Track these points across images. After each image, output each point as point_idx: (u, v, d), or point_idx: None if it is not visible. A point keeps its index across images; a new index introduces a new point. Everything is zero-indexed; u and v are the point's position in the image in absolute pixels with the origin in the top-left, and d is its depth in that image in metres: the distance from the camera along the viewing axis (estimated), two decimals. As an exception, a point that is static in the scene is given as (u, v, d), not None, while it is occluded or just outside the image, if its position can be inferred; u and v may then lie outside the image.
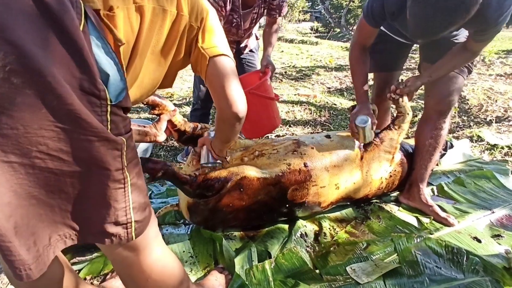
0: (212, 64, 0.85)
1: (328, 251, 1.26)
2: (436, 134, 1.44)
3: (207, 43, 0.85)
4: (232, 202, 1.19)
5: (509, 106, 3.20)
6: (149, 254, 0.72)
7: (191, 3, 0.81)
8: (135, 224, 0.63)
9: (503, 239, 1.32)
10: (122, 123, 0.59)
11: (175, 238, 1.35)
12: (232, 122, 0.91)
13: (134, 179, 0.62)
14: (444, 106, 1.42)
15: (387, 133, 1.43)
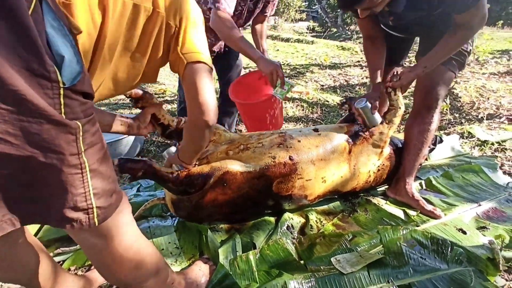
0: (189, 70, 0.87)
1: (314, 243, 1.26)
2: (424, 129, 1.45)
3: (186, 47, 0.86)
4: (216, 198, 1.19)
5: (501, 103, 3.22)
6: (120, 242, 0.72)
7: (169, 1, 0.82)
8: (97, 210, 0.63)
9: (488, 231, 1.33)
10: (80, 107, 0.57)
11: (161, 230, 1.34)
12: (202, 130, 0.93)
13: (95, 165, 0.61)
14: (431, 100, 1.42)
15: (378, 127, 1.43)
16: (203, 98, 0.87)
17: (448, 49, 1.32)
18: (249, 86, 1.95)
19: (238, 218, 1.37)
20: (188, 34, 0.87)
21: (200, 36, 0.90)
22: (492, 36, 7.18)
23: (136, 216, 1.38)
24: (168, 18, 0.83)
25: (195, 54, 0.87)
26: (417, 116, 1.47)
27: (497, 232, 1.31)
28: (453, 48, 1.32)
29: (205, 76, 0.88)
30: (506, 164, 2.08)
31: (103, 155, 0.64)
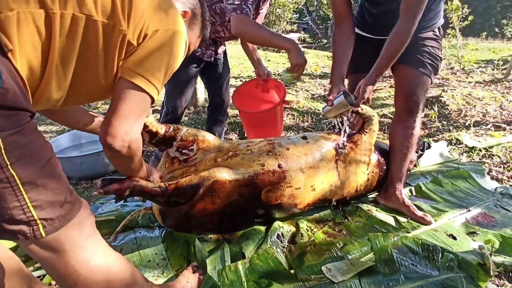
0: (120, 86, 0.77)
1: (304, 252, 1.24)
2: (408, 133, 1.46)
3: (131, 63, 0.76)
4: (205, 207, 1.16)
5: (487, 111, 3.29)
6: (77, 256, 0.69)
7: (136, 18, 0.75)
8: (42, 222, 0.61)
9: (478, 236, 1.33)
10: (3, 120, 0.56)
11: (148, 241, 1.31)
12: (105, 149, 0.80)
13: (30, 178, 0.59)
14: (411, 104, 1.44)
15: (360, 137, 1.43)
16: (116, 120, 0.76)
17: (393, 49, 1.31)
18: (248, 95, 1.95)
19: (227, 227, 1.34)
20: (142, 52, 0.77)
21: (162, 62, 0.79)
22: (476, 46, 7.40)
23: (122, 227, 1.35)
24: (130, 35, 0.75)
25: (135, 75, 0.76)
26: (399, 121, 1.49)
27: (486, 237, 1.31)
28: (397, 45, 1.30)
29: (131, 101, 0.76)
30: (493, 170, 2.11)
31: (43, 166, 0.62)
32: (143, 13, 0.77)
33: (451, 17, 5.68)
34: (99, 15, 0.71)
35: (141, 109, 0.79)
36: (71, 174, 2.10)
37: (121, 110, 0.76)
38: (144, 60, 0.77)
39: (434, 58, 1.43)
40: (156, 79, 0.79)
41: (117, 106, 0.76)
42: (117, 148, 0.78)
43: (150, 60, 0.78)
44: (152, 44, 0.78)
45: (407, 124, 1.46)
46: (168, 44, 0.80)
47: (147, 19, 0.77)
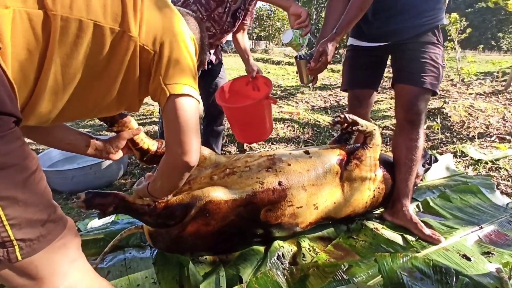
0: (172, 103, 0.77)
1: (307, 274, 1.15)
2: (412, 146, 1.39)
3: (170, 78, 0.77)
4: (198, 229, 1.08)
5: (490, 122, 3.23)
6: (55, 284, 0.61)
7: (147, 23, 0.74)
8: (19, 243, 0.54)
9: (494, 257, 1.24)
10: None
11: (138, 262, 1.21)
12: (181, 171, 0.84)
13: (9, 192, 0.53)
14: (413, 116, 1.37)
15: (364, 152, 1.35)
16: (185, 137, 0.77)
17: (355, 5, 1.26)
18: (237, 92, 1.89)
19: (223, 249, 1.24)
20: (172, 63, 0.77)
21: (187, 65, 0.80)
22: (474, 59, 7.44)
23: (111, 247, 1.25)
24: (145, 42, 0.74)
25: (179, 86, 0.77)
26: (402, 133, 1.42)
27: (503, 258, 1.22)
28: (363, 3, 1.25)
29: (189, 111, 0.77)
30: (502, 184, 2.03)
31: (25, 180, 0.55)
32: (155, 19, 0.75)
33: (450, 30, 5.72)
34: (107, 21, 0.67)
35: (196, 115, 0.80)
36: (62, 188, 2.01)
37: (185, 125, 0.77)
38: (180, 71, 0.78)
39: (435, 68, 1.35)
40: (193, 81, 0.81)
41: (180, 122, 0.77)
42: (194, 164, 0.80)
43: (184, 67, 0.79)
44: (174, 52, 0.78)
45: (410, 136, 1.39)
46: (186, 49, 0.81)
47: (161, 26, 0.76)
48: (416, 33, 1.33)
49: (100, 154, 1.04)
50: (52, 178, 2.03)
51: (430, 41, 1.35)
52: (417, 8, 1.32)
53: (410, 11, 1.33)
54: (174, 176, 0.88)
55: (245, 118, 1.76)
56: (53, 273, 0.60)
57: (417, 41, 1.34)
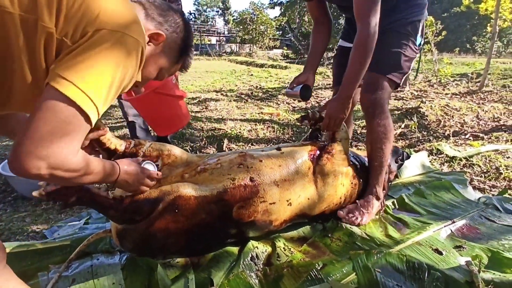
0: (46, 94, 0.61)
1: (281, 275, 1.12)
2: (376, 137, 1.40)
3: (65, 69, 0.61)
4: (167, 226, 1.04)
5: (465, 121, 3.33)
6: None
7: (71, 13, 0.63)
8: None
9: (465, 251, 1.25)
10: None
11: (106, 268, 1.15)
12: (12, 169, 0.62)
13: None
14: (374, 106, 1.37)
15: (333, 146, 1.35)
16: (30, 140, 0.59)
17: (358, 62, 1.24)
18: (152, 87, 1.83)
19: (197, 249, 1.21)
20: (79, 55, 0.62)
21: (100, 71, 0.63)
22: (451, 61, 7.70)
23: (77, 253, 1.19)
24: (63, 33, 0.62)
25: (66, 84, 0.60)
26: (367, 124, 1.44)
27: (473, 251, 1.23)
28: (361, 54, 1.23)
29: (57, 115, 0.60)
30: (475, 179, 2.08)
31: None
32: (82, 7, 0.64)
33: (426, 33, 5.90)
34: (15, 7, 0.59)
35: (69, 128, 0.61)
36: (29, 194, 1.92)
37: (38, 126, 0.59)
38: (78, 65, 0.61)
39: (399, 58, 1.35)
40: (94, 91, 0.62)
41: (34, 121, 0.59)
42: (32, 175, 0.60)
43: (87, 65, 0.62)
44: (91, 45, 0.62)
45: (372, 126, 1.39)
46: (114, 48, 0.65)
47: (89, 16, 0.64)
48: (391, 26, 1.35)
49: None
50: (20, 184, 1.94)
51: (401, 32, 1.36)
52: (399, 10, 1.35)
53: (393, 16, 1.35)
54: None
55: (144, 110, 1.76)
56: None
57: (389, 32, 1.35)
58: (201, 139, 2.71)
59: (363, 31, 1.21)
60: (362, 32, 1.22)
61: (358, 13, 1.23)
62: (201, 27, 27.13)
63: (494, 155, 2.36)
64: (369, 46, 1.22)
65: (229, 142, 2.68)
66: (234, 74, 7.94)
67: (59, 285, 1.08)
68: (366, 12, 1.20)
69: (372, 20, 1.20)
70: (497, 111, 3.63)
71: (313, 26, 1.58)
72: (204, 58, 14.25)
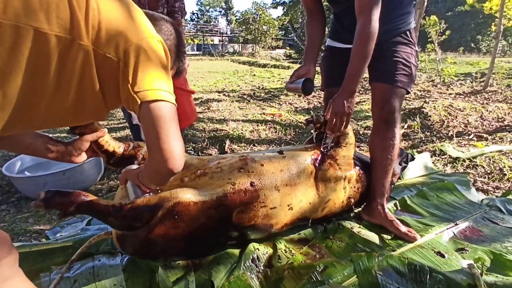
0: (145, 110, 0.74)
1: (282, 277, 1.12)
2: (387, 145, 1.38)
3: (139, 85, 0.73)
4: (166, 232, 1.03)
5: (469, 121, 3.31)
6: None
7: (106, 29, 0.70)
8: None
9: (467, 253, 1.24)
10: None
11: (107, 269, 1.16)
12: (165, 176, 0.84)
13: None
14: (387, 114, 1.36)
15: (338, 151, 1.34)
16: (165, 144, 0.74)
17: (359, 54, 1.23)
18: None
19: (196, 252, 1.21)
20: (140, 69, 0.73)
21: (157, 69, 0.76)
22: (455, 60, 7.65)
23: (78, 254, 1.20)
24: (103, 49, 0.70)
25: (150, 92, 0.73)
26: (378, 132, 1.42)
27: (476, 254, 1.22)
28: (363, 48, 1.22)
29: (165, 116, 0.74)
30: (478, 181, 2.06)
31: None
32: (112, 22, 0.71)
33: (430, 32, 5.86)
34: (52, 28, 0.63)
35: (174, 120, 0.77)
36: (33, 195, 1.93)
37: (163, 131, 0.73)
38: (149, 76, 0.74)
39: (407, 66, 1.35)
40: (166, 85, 0.77)
41: (156, 129, 0.73)
42: (179, 168, 0.77)
43: (149, 72, 0.74)
44: (145, 57, 0.74)
45: (385, 135, 1.38)
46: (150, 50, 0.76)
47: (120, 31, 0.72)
48: (388, 36, 1.34)
49: (62, 157, 0.99)
50: (23, 185, 1.96)
51: (401, 42, 1.36)
52: (390, 14, 1.33)
53: (383, 18, 1.34)
54: (158, 179, 0.89)
55: None
56: None
57: (389, 42, 1.35)
58: (203, 140, 2.72)
59: (366, 25, 1.20)
60: (365, 26, 1.20)
61: (360, 7, 1.22)
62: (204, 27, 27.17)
63: (498, 156, 2.34)
64: (372, 40, 1.21)
65: (231, 143, 2.68)
66: (236, 74, 7.94)
67: (61, 286, 1.08)
68: (369, 6, 1.19)
69: (374, 13, 1.19)
70: (501, 111, 3.60)
71: (306, 17, 1.55)
72: (206, 58, 14.27)
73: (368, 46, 1.21)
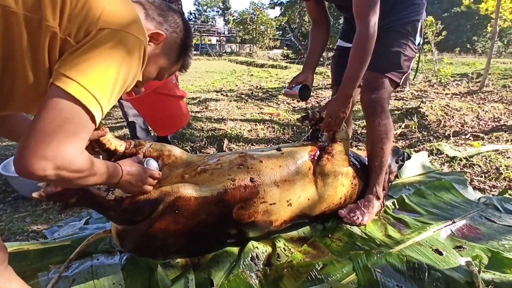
0: (51, 94, 0.61)
1: (281, 275, 1.12)
2: (376, 135, 1.39)
3: (68, 68, 0.61)
4: (167, 227, 1.04)
5: (465, 121, 3.33)
6: None
7: (74, 12, 0.63)
8: None
9: (465, 251, 1.25)
10: None
11: (106, 268, 1.16)
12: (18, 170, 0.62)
13: None
14: (372, 102, 1.37)
15: (334, 147, 1.35)
16: (36, 141, 0.59)
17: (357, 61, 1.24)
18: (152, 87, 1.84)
19: (197, 249, 1.21)
20: (82, 53, 0.62)
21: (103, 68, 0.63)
22: (451, 60, 7.70)
23: (77, 253, 1.19)
24: (67, 32, 0.63)
25: (69, 81, 0.60)
26: (367, 122, 1.44)
27: (474, 251, 1.23)
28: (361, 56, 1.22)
29: (62, 114, 0.60)
30: (475, 179, 2.08)
31: None
32: (85, 7, 0.64)
33: (426, 33, 5.90)
34: (19, 7, 0.59)
35: (74, 127, 0.61)
36: (29, 194, 1.92)
37: (44, 126, 0.59)
38: (82, 63, 0.62)
39: (398, 57, 1.35)
40: (98, 90, 0.62)
41: (39, 121, 0.59)
42: (38, 177, 0.60)
43: (91, 64, 0.62)
44: (95, 44, 0.63)
45: (373, 124, 1.39)
46: (118, 47, 0.65)
47: (92, 16, 0.65)
48: (384, 27, 1.34)
49: None
50: (20, 184, 1.94)
51: (400, 31, 1.35)
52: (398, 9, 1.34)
53: (392, 16, 1.35)
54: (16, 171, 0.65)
55: (145, 110, 1.76)
56: None
57: (388, 31, 1.35)
58: (201, 139, 2.71)
59: (363, 31, 1.21)
60: (362, 31, 1.22)
61: (358, 13, 1.23)
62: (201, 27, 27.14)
63: (494, 155, 2.35)
64: (369, 46, 1.22)
65: (229, 142, 2.68)
66: (234, 74, 7.94)
67: (59, 285, 1.08)
68: (366, 11, 1.20)
69: (371, 19, 1.20)
70: (497, 111, 3.63)
71: (311, 25, 1.58)
72: (204, 58, 14.26)
73: (364, 52, 1.22)
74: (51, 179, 0.62)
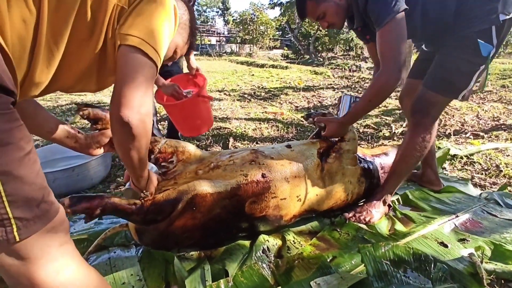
0: (121, 54, 0.71)
1: (292, 266, 1.17)
2: (410, 145, 1.43)
3: (127, 28, 0.71)
4: (185, 223, 1.08)
5: (465, 120, 3.38)
6: (44, 266, 0.59)
7: None
8: (16, 222, 0.52)
9: (469, 243, 1.30)
10: None
11: (123, 261, 1.20)
12: (118, 127, 0.72)
13: (8, 167, 0.51)
14: (416, 114, 1.41)
15: (342, 145, 1.40)
16: (127, 89, 0.69)
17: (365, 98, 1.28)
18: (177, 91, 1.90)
19: (210, 243, 1.25)
20: (135, 13, 0.72)
21: (154, 24, 0.73)
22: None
23: (95, 246, 1.24)
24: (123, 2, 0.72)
25: (133, 38, 0.70)
26: (409, 133, 1.46)
27: (477, 244, 1.28)
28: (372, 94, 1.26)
29: (137, 66, 0.71)
30: (476, 177, 2.13)
31: (23, 157, 0.54)
32: None
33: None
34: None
35: (148, 76, 0.72)
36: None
37: (130, 77, 0.70)
38: (140, 23, 0.71)
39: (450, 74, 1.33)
40: (155, 42, 0.73)
41: (125, 74, 0.70)
42: (134, 122, 0.70)
43: (147, 22, 0.72)
44: (145, 6, 0.73)
45: (412, 135, 1.43)
46: (162, 6, 0.75)
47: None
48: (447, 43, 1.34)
49: (80, 147, 1.02)
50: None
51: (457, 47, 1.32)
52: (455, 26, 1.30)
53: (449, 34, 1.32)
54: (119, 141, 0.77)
55: (181, 113, 1.81)
56: (41, 256, 0.59)
57: (445, 47, 1.35)
58: (207, 138, 2.76)
59: (383, 75, 1.22)
60: (382, 75, 1.22)
61: (382, 56, 1.24)
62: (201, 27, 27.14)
63: (494, 153, 2.41)
64: (384, 90, 1.24)
65: (235, 141, 2.73)
66: (235, 74, 7.98)
67: (79, 277, 1.12)
68: (389, 57, 1.21)
69: (394, 63, 1.20)
70: (496, 111, 3.68)
71: (374, 67, 1.60)
72: (204, 58, 14.29)
73: (378, 94, 1.26)
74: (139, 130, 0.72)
